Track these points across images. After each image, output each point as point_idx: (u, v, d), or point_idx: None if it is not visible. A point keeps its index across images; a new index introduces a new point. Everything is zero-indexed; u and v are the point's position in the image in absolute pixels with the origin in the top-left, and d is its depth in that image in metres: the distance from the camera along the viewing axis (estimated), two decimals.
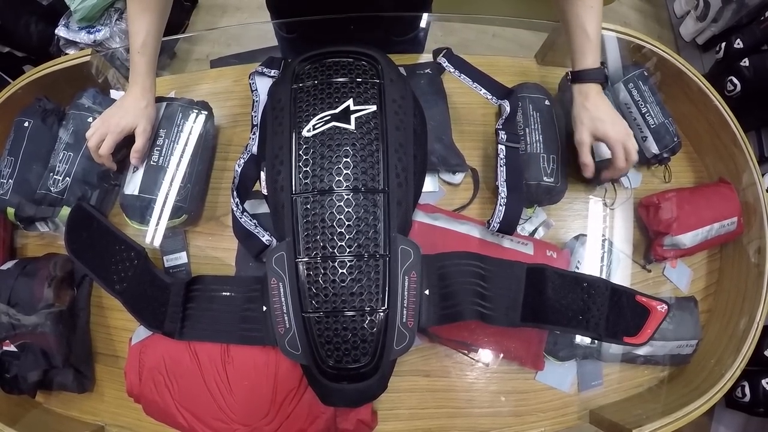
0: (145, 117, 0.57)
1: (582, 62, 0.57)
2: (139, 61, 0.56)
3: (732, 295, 0.70)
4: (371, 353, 0.45)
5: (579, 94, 0.58)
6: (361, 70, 0.51)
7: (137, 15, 0.55)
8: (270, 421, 0.50)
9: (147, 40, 0.56)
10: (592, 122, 0.56)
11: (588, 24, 0.55)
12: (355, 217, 0.46)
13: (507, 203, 0.55)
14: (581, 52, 0.57)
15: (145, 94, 0.57)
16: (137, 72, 0.57)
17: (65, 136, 0.63)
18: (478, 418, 0.60)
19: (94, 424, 0.60)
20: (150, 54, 0.57)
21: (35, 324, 0.56)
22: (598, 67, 0.57)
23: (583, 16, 0.55)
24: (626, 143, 0.56)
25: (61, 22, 1.33)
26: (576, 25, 0.56)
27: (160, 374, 0.52)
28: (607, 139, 0.56)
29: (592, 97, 0.57)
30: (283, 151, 0.48)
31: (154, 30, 0.56)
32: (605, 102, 0.57)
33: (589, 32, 0.55)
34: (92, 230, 0.57)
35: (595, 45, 0.56)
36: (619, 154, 0.56)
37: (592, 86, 0.57)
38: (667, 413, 0.57)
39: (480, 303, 0.48)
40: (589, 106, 0.57)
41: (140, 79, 0.57)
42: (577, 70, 0.58)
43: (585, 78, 0.57)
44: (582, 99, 0.57)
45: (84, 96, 0.66)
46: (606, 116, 0.56)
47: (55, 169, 0.61)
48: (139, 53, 0.56)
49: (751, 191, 0.70)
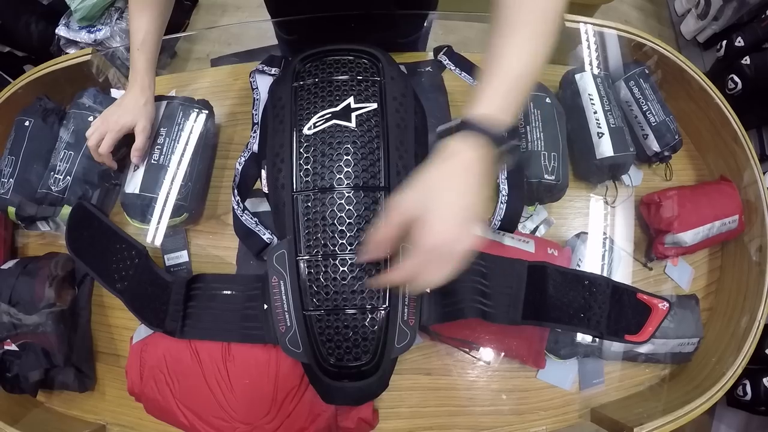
0: (145, 115, 0.57)
1: (473, 105, 0.37)
2: (138, 58, 0.56)
3: (733, 293, 0.69)
4: (372, 351, 0.45)
5: (444, 149, 0.37)
6: (362, 68, 0.51)
7: (138, 13, 0.55)
8: (271, 420, 0.50)
9: (147, 37, 0.56)
10: (426, 193, 0.36)
11: (505, 57, 0.38)
12: (356, 214, 0.46)
13: (508, 201, 0.55)
14: (478, 93, 0.38)
15: (145, 91, 0.57)
16: (136, 70, 0.56)
17: (66, 136, 0.63)
18: (480, 417, 0.60)
19: (95, 423, 0.60)
20: (149, 52, 0.57)
21: (36, 323, 0.56)
22: (493, 120, 0.36)
23: (504, 46, 0.38)
24: (438, 251, 0.35)
25: (62, 21, 1.33)
26: (488, 55, 0.39)
27: (161, 373, 0.52)
28: (420, 234, 0.35)
29: (458, 160, 0.36)
30: (284, 149, 0.48)
31: (154, 28, 0.56)
32: (472, 179, 0.36)
33: (500, 76, 0.38)
34: (93, 229, 0.57)
35: (505, 88, 0.37)
36: (415, 260, 0.35)
37: (467, 144, 0.36)
38: (668, 411, 0.57)
39: (481, 301, 0.48)
40: (445, 169, 0.36)
41: (139, 77, 0.56)
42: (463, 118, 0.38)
43: (466, 128, 0.36)
44: (443, 156, 0.37)
45: (84, 95, 0.66)
46: (451, 199, 0.35)
47: (55, 169, 0.61)
48: (138, 51, 0.56)
49: (752, 189, 0.70)
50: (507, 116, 0.37)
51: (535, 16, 0.39)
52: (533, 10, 0.39)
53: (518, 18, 0.39)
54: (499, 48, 0.38)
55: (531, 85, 0.39)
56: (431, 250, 0.35)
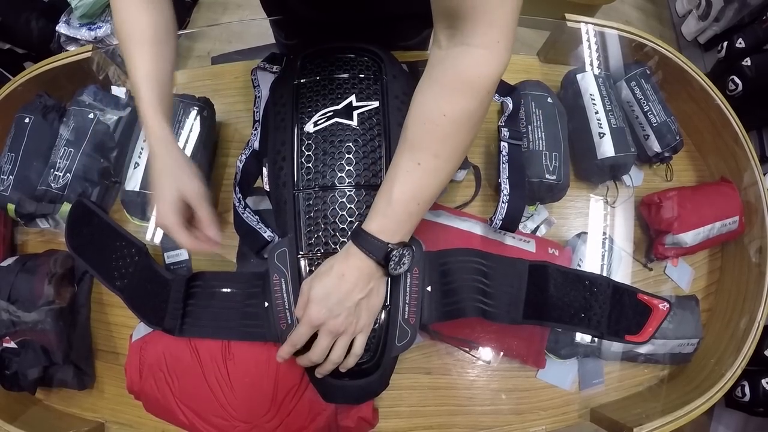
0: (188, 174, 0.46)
1: (369, 218, 0.40)
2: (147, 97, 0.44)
3: (733, 294, 0.70)
4: (373, 349, 0.45)
5: (347, 247, 0.41)
6: (364, 66, 0.51)
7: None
8: (271, 419, 0.50)
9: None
10: (314, 278, 0.41)
11: (396, 185, 0.39)
12: (358, 213, 0.46)
13: (509, 200, 0.55)
14: (374, 207, 0.41)
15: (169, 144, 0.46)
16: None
17: (66, 133, 0.63)
18: (479, 416, 0.60)
19: (94, 421, 0.59)
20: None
21: (35, 321, 0.56)
22: (381, 242, 0.39)
23: (396, 175, 0.39)
24: (304, 326, 0.41)
25: (62, 18, 1.33)
26: (385, 180, 0.40)
27: (161, 371, 0.52)
28: (300, 309, 0.42)
29: (342, 265, 0.40)
30: (285, 147, 0.48)
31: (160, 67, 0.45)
32: (344, 285, 0.40)
33: (392, 196, 0.39)
34: (93, 227, 0.56)
35: (394, 214, 0.39)
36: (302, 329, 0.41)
37: (360, 255, 0.40)
38: (667, 412, 0.57)
39: (482, 300, 0.48)
40: (331, 266, 0.41)
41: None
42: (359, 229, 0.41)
43: (357, 240, 0.40)
44: (341, 253, 0.41)
45: (85, 93, 0.66)
46: (327, 289, 0.40)
47: (55, 166, 0.61)
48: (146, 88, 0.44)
49: (753, 190, 0.70)
50: (389, 236, 0.40)
51: (424, 137, 0.38)
52: (424, 130, 0.38)
53: (408, 139, 0.39)
54: (392, 168, 0.40)
55: (423, 206, 0.40)
56: (307, 326, 0.41)
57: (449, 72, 0.37)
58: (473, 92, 0.37)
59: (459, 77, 0.36)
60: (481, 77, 0.36)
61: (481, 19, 0.35)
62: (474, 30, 0.35)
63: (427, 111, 0.38)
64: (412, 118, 0.39)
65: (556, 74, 0.73)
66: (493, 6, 0.34)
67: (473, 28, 0.35)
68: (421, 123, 0.38)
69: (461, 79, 0.36)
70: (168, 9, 0.45)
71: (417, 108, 0.39)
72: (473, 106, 0.37)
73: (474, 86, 0.36)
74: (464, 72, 0.36)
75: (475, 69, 0.36)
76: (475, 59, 0.36)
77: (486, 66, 0.36)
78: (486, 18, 0.35)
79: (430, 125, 0.38)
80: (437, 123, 0.37)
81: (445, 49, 0.37)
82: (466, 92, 0.37)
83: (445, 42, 0.37)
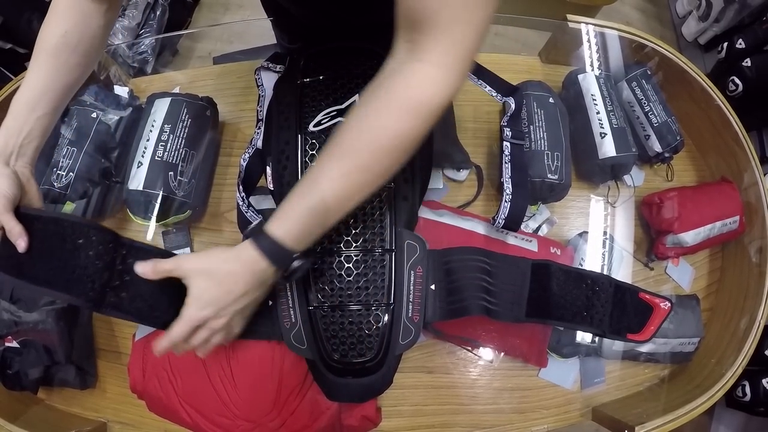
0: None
1: (272, 220, 0.38)
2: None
3: (733, 294, 0.70)
4: (377, 347, 0.45)
5: (241, 245, 0.38)
6: (367, 66, 0.51)
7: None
8: (274, 418, 0.50)
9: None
10: (201, 266, 0.38)
11: (316, 191, 0.36)
12: (361, 211, 0.46)
13: (512, 200, 0.55)
14: (279, 209, 0.38)
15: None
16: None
17: (68, 133, 0.63)
18: (481, 415, 0.60)
19: (96, 420, 0.59)
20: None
21: (37, 320, 0.56)
22: (286, 250, 0.37)
23: (318, 180, 0.37)
24: (185, 325, 0.38)
25: None
26: (304, 181, 0.37)
27: (164, 370, 0.52)
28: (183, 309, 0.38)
29: (233, 264, 0.38)
30: (289, 146, 0.49)
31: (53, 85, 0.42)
32: (234, 286, 0.38)
33: (309, 202, 0.37)
34: (40, 233, 0.40)
35: (306, 220, 0.37)
36: (180, 328, 0.38)
37: (250, 253, 0.37)
38: (668, 411, 0.58)
39: (485, 298, 0.48)
40: (220, 262, 0.38)
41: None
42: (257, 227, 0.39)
43: (259, 243, 0.37)
44: (233, 250, 0.38)
45: (86, 92, 0.66)
46: (217, 291, 0.38)
47: (58, 165, 0.61)
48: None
49: (753, 190, 0.70)
50: (295, 244, 0.38)
51: (360, 148, 0.36)
52: (361, 141, 0.36)
53: (342, 146, 0.36)
54: (315, 171, 0.37)
55: (336, 217, 0.38)
56: (188, 325, 0.39)
57: (400, 88, 0.34)
58: (420, 112, 0.34)
59: (410, 96, 0.34)
60: (432, 99, 0.34)
61: (445, 36, 0.32)
62: (434, 48, 0.33)
63: (368, 122, 0.35)
64: (351, 126, 0.36)
65: (557, 75, 0.74)
66: (460, 23, 0.32)
67: (435, 43, 0.32)
68: (358, 132, 0.36)
69: (411, 97, 0.34)
70: (95, 13, 0.42)
71: (358, 117, 0.36)
72: (417, 128, 0.35)
73: (422, 106, 0.34)
74: (416, 91, 0.34)
75: (428, 90, 0.34)
76: (430, 79, 0.33)
77: (439, 88, 0.34)
78: (449, 36, 0.32)
79: (367, 135, 0.35)
80: (375, 135, 0.35)
81: (399, 62, 0.34)
82: (412, 113, 0.34)
83: (402, 54, 0.34)
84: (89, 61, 0.44)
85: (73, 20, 0.42)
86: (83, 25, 0.42)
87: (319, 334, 0.45)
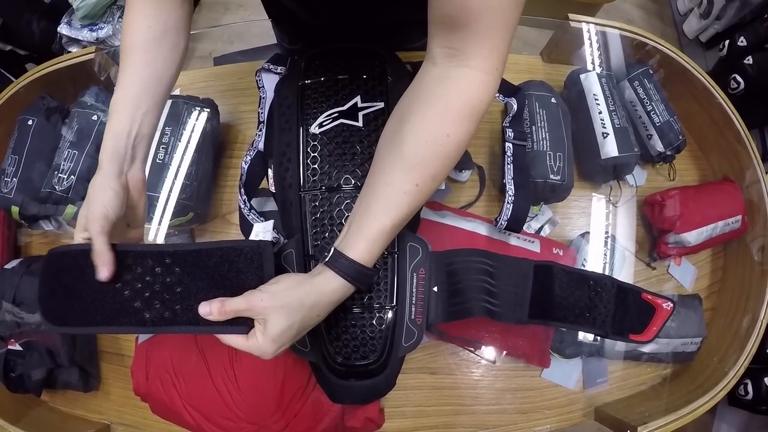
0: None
1: (347, 242, 0.37)
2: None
3: (736, 293, 0.70)
4: (380, 350, 0.45)
5: (316, 272, 0.38)
6: (369, 67, 0.51)
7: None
8: (278, 420, 0.50)
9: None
10: (281, 303, 0.35)
11: (392, 208, 0.37)
12: None
13: (514, 201, 0.55)
14: (354, 231, 0.38)
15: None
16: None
17: (69, 135, 0.63)
18: (484, 416, 0.60)
19: (99, 422, 0.60)
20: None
21: (40, 323, 0.56)
22: (369, 270, 0.37)
23: (391, 196, 0.37)
24: (255, 352, 0.36)
25: (64, 19, 1.33)
26: (376, 200, 0.37)
27: (168, 373, 0.52)
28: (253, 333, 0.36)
29: (315, 293, 0.36)
30: (291, 148, 0.48)
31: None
32: (312, 312, 0.37)
33: (387, 220, 0.36)
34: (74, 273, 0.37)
35: (381, 239, 0.37)
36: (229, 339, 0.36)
37: (341, 283, 0.37)
38: (670, 410, 0.58)
39: (488, 300, 0.48)
40: (300, 295, 0.36)
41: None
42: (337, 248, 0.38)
43: (339, 267, 0.37)
44: (309, 279, 0.37)
45: (87, 94, 0.66)
46: (280, 327, 0.35)
47: (59, 168, 0.61)
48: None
49: (755, 189, 0.70)
50: (374, 261, 0.38)
51: (429, 158, 0.36)
52: (429, 151, 0.36)
53: (407, 158, 0.36)
54: (384, 188, 0.37)
55: (399, 228, 0.38)
56: (255, 352, 0.36)
57: (454, 95, 0.36)
58: (475, 116, 0.36)
59: (465, 101, 0.36)
60: (482, 102, 0.36)
61: (484, 43, 0.34)
62: (477, 53, 0.35)
63: (432, 132, 0.36)
64: (413, 136, 0.36)
65: (559, 74, 0.73)
66: (499, 28, 0.34)
67: (476, 51, 0.34)
68: (423, 141, 0.36)
69: (467, 102, 0.36)
70: (171, 5, 0.43)
71: (417, 125, 0.36)
72: (473, 129, 0.37)
73: (476, 111, 0.36)
74: (469, 97, 0.36)
75: (478, 94, 0.36)
76: (478, 84, 0.36)
77: (486, 92, 0.36)
78: (488, 42, 0.34)
79: (434, 145, 0.36)
80: (441, 143, 0.36)
81: (442, 67, 0.36)
82: (469, 116, 0.36)
83: (442, 60, 0.36)
84: (176, 55, 0.44)
85: (153, 16, 0.42)
86: (163, 19, 0.42)
87: (322, 337, 0.45)
